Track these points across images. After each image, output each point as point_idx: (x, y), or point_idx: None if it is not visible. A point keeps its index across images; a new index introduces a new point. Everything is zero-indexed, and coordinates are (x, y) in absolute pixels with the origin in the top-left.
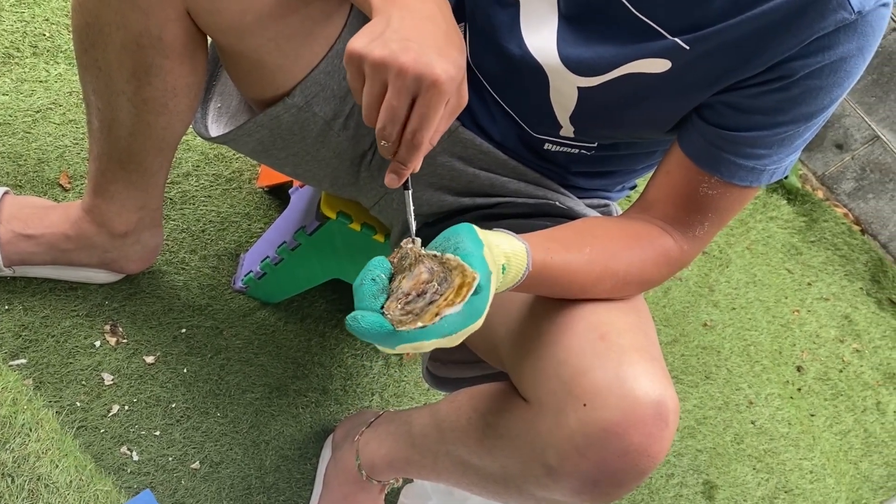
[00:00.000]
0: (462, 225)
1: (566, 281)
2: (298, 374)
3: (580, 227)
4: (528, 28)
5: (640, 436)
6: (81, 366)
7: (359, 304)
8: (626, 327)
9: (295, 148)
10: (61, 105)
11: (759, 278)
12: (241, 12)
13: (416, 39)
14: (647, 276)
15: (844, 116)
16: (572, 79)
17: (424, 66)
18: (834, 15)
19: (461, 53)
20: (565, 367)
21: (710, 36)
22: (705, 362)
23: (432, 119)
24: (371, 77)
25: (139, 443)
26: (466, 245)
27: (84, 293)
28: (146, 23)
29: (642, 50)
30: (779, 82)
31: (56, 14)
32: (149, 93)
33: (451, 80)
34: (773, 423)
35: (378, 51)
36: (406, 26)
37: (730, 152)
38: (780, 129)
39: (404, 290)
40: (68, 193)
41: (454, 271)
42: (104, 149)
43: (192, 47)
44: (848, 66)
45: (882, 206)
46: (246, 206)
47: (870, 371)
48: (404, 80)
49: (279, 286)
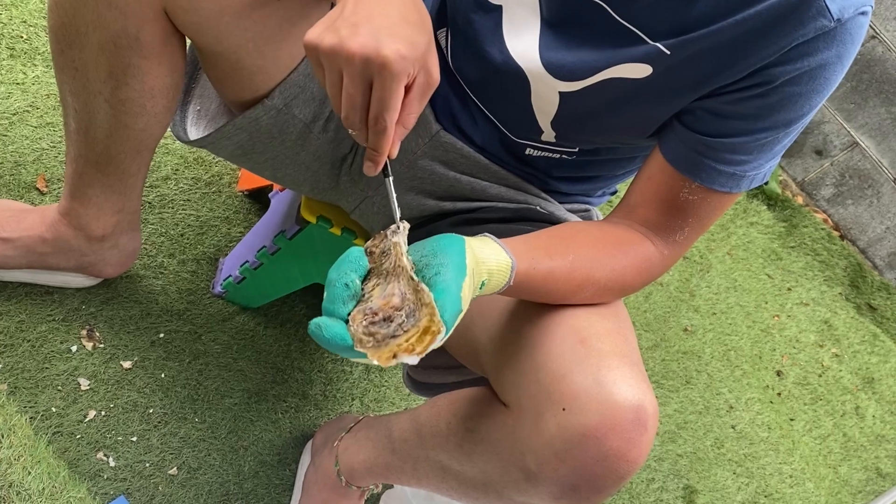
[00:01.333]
0: (453, 241)
1: (547, 289)
2: (278, 379)
3: (564, 233)
4: (510, 33)
5: (619, 440)
6: (57, 371)
7: (327, 306)
8: (606, 332)
9: (274, 151)
10: (38, 108)
11: (740, 283)
12: (218, 12)
13: (367, 23)
14: (627, 283)
15: (824, 123)
16: (554, 83)
17: (372, 49)
18: (813, 22)
19: (419, 30)
20: (545, 372)
21: (692, 41)
22: (686, 367)
23: (391, 101)
24: (327, 67)
25: (116, 448)
26: (447, 276)
27: (61, 297)
28: (124, 22)
29: (624, 55)
30: (759, 88)
31: (34, 16)
32: (126, 93)
33: (403, 59)
34: (752, 428)
35: (328, 39)
36: (359, 10)
37: (710, 158)
38: (759, 134)
39: (373, 307)
40: (45, 197)
41: (425, 308)
42: (81, 151)
43: (169, 48)
44: (827, 72)
45: (861, 211)
46: (225, 210)
47: (849, 375)
48: (354, 65)
49: (258, 291)
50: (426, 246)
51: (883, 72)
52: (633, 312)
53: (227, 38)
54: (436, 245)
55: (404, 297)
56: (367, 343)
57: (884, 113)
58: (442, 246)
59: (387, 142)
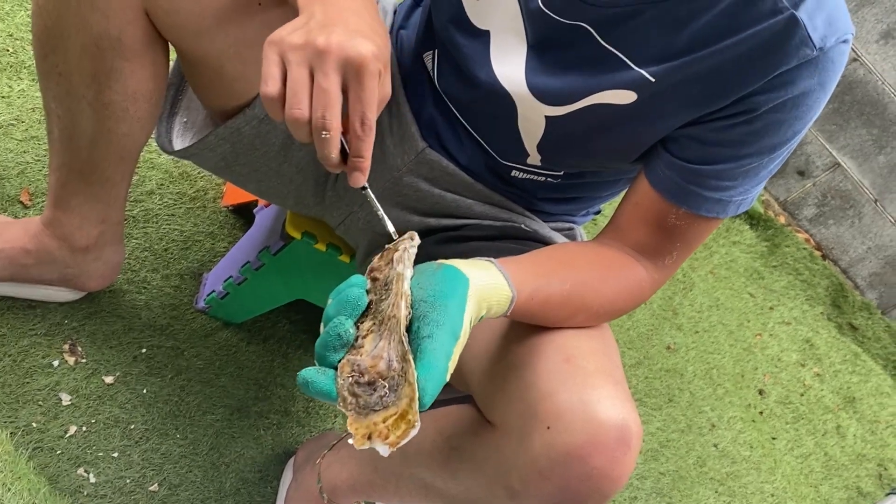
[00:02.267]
0: (457, 287)
1: (542, 316)
2: (260, 396)
3: (562, 256)
4: (498, 57)
5: (602, 459)
6: (39, 385)
7: (320, 351)
8: (591, 351)
9: (257, 162)
10: (23, 121)
11: (722, 302)
12: (199, 14)
13: (340, 24)
14: (619, 308)
15: (806, 144)
16: (540, 108)
17: (349, 45)
18: (796, 51)
19: (385, 42)
20: (530, 390)
21: (676, 69)
22: (669, 385)
23: (371, 99)
24: (295, 63)
25: (97, 464)
26: (437, 345)
27: (43, 311)
28: (106, 25)
29: (608, 81)
30: (743, 116)
31: (20, 30)
32: (109, 97)
33: (376, 59)
34: (735, 447)
35: (298, 37)
36: (328, 16)
37: (695, 185)
38: (744, 161)
39: (361, 364)
40: (29, 210)
41: (407, 386)
42: (64, 159)
43: (152, 51)
44: (810, 100)
45: (842, 231)
46: (210, 225)
47: (830, 395)
48: (328, 59)
49: (242, 306)
50: (430, 285)
51: (864, 94)
52: (616, 330)
53: (207, 42)
54: (438, 290)
55: (390, 364)
56: (350, 404)
57: (865, 134)
58: (445, 293)
59: (370, 144)
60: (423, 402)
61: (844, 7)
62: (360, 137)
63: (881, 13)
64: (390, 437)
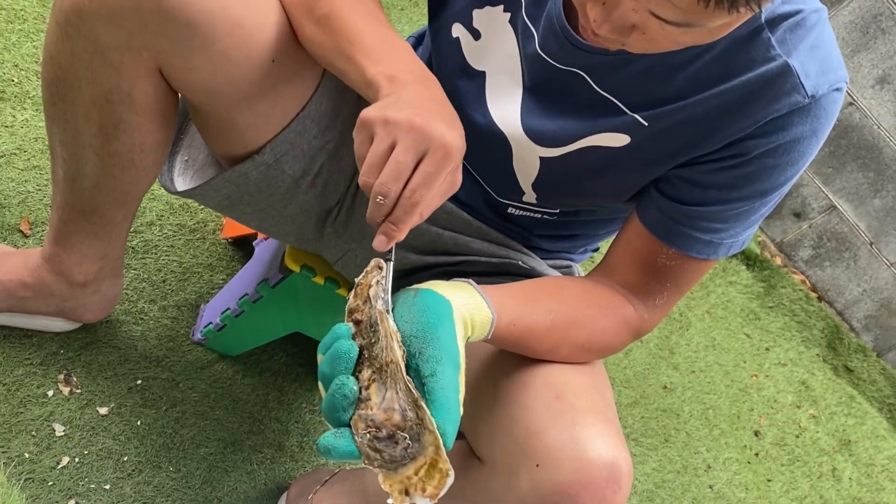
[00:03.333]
0: (442, 316)
1: (524, 345)
2: (254, 430)
3: (549, 288)
4: (493, 98)
5: (592, 499)
6: (32, 415)
7: (329, 414)
8: (582, 388)
9: (262, 204)
10: (26, 151)
11: (719, 342)
12: (213, 73)
13: (428, 109)
14: (606, 345)
15: (802, 186)
16: (535, 149)
17: (436, 129)
18: (788, 98)
19: (464, 137)
20: (520, 427)
21: (669, 113)
22: (665, 425)
23: (436, 181)
24: (381, 136)
25: (88, 496)
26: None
27: (39, 341)
28: (117, 79)
29: (603, 124)
30: (734, 160)
31: (25, 60)
32: (116, 147)
33: (459, 150)
34: (730, 488)
35: (392, 113)
36: (415, 100)
37: (686, 225)
38: (735, 204)
39: (375, 419)
40: (28, 240)
41: (429, 434)
42: (67, 199)
43: (162, 105)
44: (802, 146)
45: (838, 273)
46: (209, 256)
47: (825, 437)
48: (416, 138)
49: (239, 339)
50: (415, 317)
51: (860, 138)
52: (612, 369)
53: (220, 98)
54: (425, 322)
55: (405, 414)
56: (376, 461)
57: (861, 178)
58: (432, 324)
59: (411, 220)
60: (446, 445)
61: (838, 55)
62: (406, 210)
63: (877, 59)
64: (427, 489)
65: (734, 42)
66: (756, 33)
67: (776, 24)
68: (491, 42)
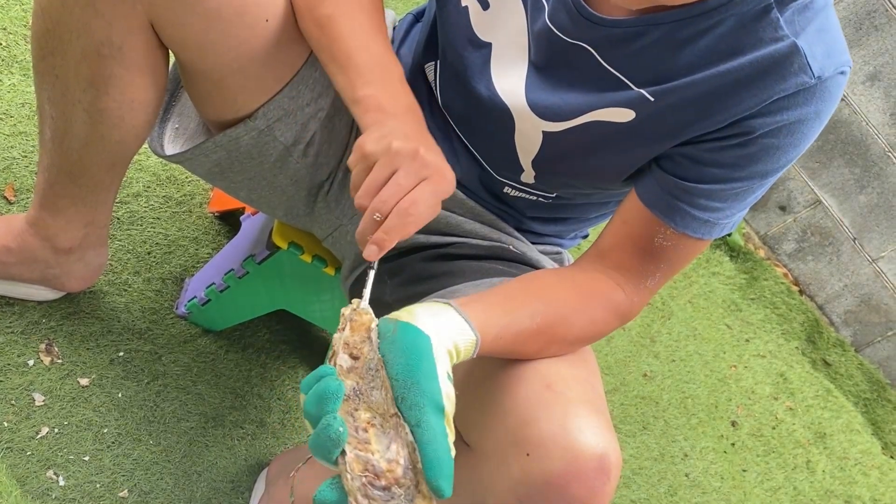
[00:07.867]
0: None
1: (514, 352)
2: (236, 405)
3: (536, 289)
4: (498, 70)
5: (581, 488)
6: (12, 384)
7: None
8: (574, 378)
9: (252, 172)
10: (12, 116)
11: (700, 332)
12: (205, 29)
13: (422, 142)
14: (594, 334)
15: (789, 179)
16: (538, 123)
17: (437, 161)
18: (795, 78)
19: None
20: (511, 416)
21: (675, 89)
22: (644, 412)
23: (430, 200)
24: (383, 163)
25: (67, 467)
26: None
27: (21, 309)
28: (108, 32)
29: (608, 99)
30: (738, 139)
31: (14, 23)
32: (105, 104)
33: (453, 183)
34: (706, 477)
35: (398, 144)
36: (408, 131)
37: (685, 202)
38: (735, 183)
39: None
40: (12, 206)
41: (421, 499)
42: (55, 160)
43: (152, 61)
44: (805, 128)
45: (820, 268)
46: (195, 230)
47: (801, 429)
48: (419, 166)
49: (223, 314)
50: (395, 357)
51: (848, 133)
52: None
53: (211, 56)
54: (405, 364)
55: (406, 473)
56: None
57: (847, 173)
58: (411, 366)
59: (404, 229)
60: (444, 496)
61: (843, 39)
62: (401, 217)
63: (868, 55)
64: None
65: (743, 19)
66: (765, 12)
67: (785, 5)
68: (500, 13)
